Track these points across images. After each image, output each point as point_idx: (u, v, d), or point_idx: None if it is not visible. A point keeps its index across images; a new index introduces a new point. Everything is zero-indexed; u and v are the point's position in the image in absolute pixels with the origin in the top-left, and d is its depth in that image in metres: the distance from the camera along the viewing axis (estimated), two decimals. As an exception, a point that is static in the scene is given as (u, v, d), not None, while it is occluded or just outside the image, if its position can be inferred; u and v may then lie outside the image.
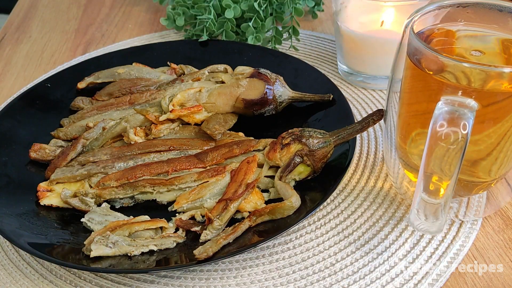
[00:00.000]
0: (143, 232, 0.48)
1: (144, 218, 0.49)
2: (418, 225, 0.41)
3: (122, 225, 0.47)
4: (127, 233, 0.47)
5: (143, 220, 0.48)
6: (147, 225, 0.48)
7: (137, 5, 0.99)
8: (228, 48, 0.73)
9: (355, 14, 0.65)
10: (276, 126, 0.61)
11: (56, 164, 0.56)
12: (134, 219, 0.49)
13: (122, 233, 0.47)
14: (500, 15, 0.44)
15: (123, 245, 0.45)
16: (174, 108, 0.60)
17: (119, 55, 0.73)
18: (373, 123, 0.51)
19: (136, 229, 0.48)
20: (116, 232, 0.47)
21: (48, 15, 0.97)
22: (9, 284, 0.46)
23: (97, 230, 0.47)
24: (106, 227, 0.47)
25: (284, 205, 0.47)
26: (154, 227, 0.48)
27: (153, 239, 0.47)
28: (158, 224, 0.48)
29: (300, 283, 0.45)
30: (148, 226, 0.48)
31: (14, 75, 0.78)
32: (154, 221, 0.48)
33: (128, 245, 0.46)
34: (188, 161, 0.54)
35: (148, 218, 0.49)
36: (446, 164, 0.38)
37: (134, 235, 0.48)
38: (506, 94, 0.40)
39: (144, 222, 0.48)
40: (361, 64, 0.68)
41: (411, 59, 0.43)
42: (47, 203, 0.51)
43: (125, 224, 0.47)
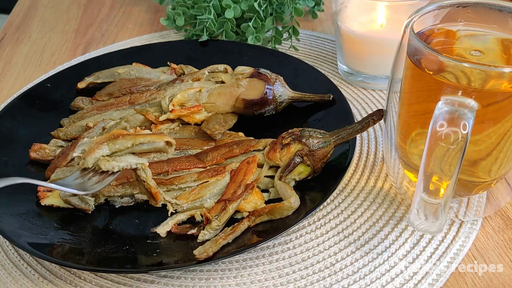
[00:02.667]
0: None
1: (149, 131, 0.46)
2: (418, 225, 0.41)
3: (125, 135, 0.44)
4: (130, 144, 0.44)
5: (147, 133, 0.46)
6: (152, 138, 0.45)
7: (137, 5, 0.99)
8: (228, 48, 0.73)
9: (355, 14, 0.65)
10: (276, 126, 0.61)
11: (56, 164, 0.56)
12: (139, 132, 0.46)
13: (124, 143, 0.44)
14: (500, 15, 0.44)
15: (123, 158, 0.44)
16: (174, 108, 0.60)
17: (119, 55, 0.73)
18: (373, 123, 0.51)
19: (141, 141, 0.44)
20: (118, 141, 0.44)
21: (48, 15, 0.97)
22: (9, 284, 0.46)
23: (99, 137, 0.44)
24: (109, 134, 0.44)
25: (283, 206, 0.47)
26: (160, 140, 0.45)
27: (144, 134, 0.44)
28: (163, 138, 0.45)
29: (300, 283, 0.45)
30: (153, 139, 0.45)
31: (14, 75, 0.78)
32: (159, 135, 0.46)
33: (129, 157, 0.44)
34: (188, 161, 0.54)
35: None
36: (446, 164, 0.38)
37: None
38: (506, 94, 0.40)
39: (149, 135, 0.45)
40: (361, 64, 0.68)
41: (411, 59, 0.43)
42: (47, 203, 0.51)
43: (129, 134, 0.45)
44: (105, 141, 0.43)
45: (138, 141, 0.44)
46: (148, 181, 0.46)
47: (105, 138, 0.44)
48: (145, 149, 0.45)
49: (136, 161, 0.44)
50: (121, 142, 0.44)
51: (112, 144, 0.44)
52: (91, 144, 0.44)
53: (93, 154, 0.43)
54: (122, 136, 0.44)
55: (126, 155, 0.44)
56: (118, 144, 0.44)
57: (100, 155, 0.43)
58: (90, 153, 0.43)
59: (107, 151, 0.43)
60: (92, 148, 0.43)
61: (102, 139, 0.44)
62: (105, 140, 0.44)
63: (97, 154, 0.43)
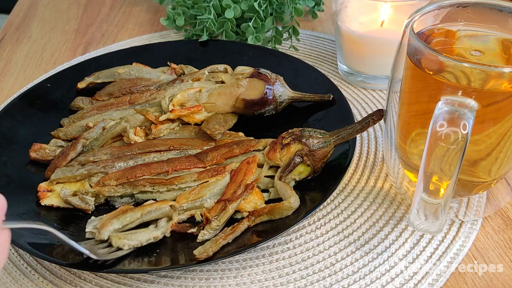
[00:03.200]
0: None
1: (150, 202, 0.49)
2: (418, 225, 0.41)
3: (133, 209, 0.47)
4: (139, 215, 0.47)
5: (153, 203, 0.49)
6: (158, 205, 0.48)
7: (137, 5, 0.99)
8: (228, 48, 0.73)
9: (355, 14, 0.65)
10: (276, 126, 0.61)
11: (56, 164, 0.56)
12: (143, 205, 0.49)
13: (134, 215, 0.47)
14: (500, 15, 0.44)
15: (139, 234, 0.46)
16: (174, 108, 0.60)
17: (119, 55, 0.73)
18: (373, 123, 0.51)
19: (148, 210, 0.47)
20: (128, 215, 0.47)
21: (48, 15, 0.97)
22: (9, 284, 0.46)
23: (110, 213, 0.47)
24: (118, 210, 0.47)
25: (282, 206, 0.47)
26: (166, 205, 0.48)
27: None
28: (168, 203, 0.48)
29: (300, 283, 0.45)
30: (159, 206, 0.48)
31: (14, 75, 0.78)
32: (163, 201, 0.49)
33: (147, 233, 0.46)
34: (188, 161, 0.54)
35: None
36: (446, 164, 0.38)
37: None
38: (506, 94, 0.40)
39: (155, 203, 0.49)
40: (361, 64, 0.68)
41: (411, 59, 0.43)
42: (48, 203, 0.51)
43: (135, 208, 0.48)
44: (115, 217, 0.46)
45: (146, 211, 0.47)
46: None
47: (114, 214, 0.47)
48: (153, 216, 0.48)
49: (147, 238, 0.46)
50: (131, 215, 0.47)
51: (123, 218, 0.46)
52: (102, 220, 0.46)
53: (107, 227, 0.45)
54: (130, 209, 0.47)
55: (137, 233, 0.46)
56: (128, 217, 0.46)
57: (113, 228, 0.46)
58: (103, 227, 0.45)
59: (118, 225, 0.46)
60: (105, 224, 0.46)
61: (112, 215, 0.47)
62: (115, 216, 0.46)
63: (110, 227, 0.45)
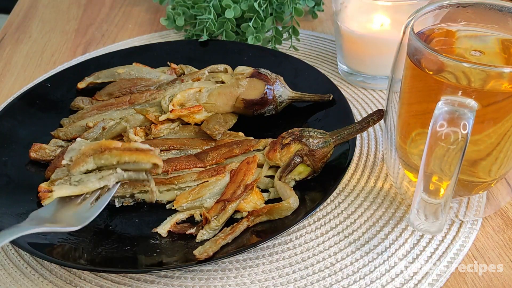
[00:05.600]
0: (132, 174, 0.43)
1: (139, 146, 0.43)
2: (418, 225, 0.41)
3: (113, 149, 0.42)
4: (115, 161, 0.42)
5: (136, 150, 0.43)
6: (139, 158, 0.42)
7: (137, 5, 0.99)
8: (228, 48, 0.73)
9: (355, 14, 0.65)
10: (276, 126, 0.61)
11: (56, 164, 0.56)
12: (128, 146, 0.43)
13: (109, 159, 0.42)
14: (500, 15, 0.44)
15: (90, 180, 0.42)
16: (174, 108, 0.60)
17: (119, 55, 0.73)
18: (373, 123, 0.51)
19: (126, 160, 0.42)
20: (103, 156, 0.42)
21: (48, 15, 0.97)
22: (9, 284, 0.46)
23: (88, 146, 0.43)
24: (98, 144, 0.43)
25: (282, 206, 0.47)
26: (147, 161, 0.43)
27: (124, 164, 0.42)
28: (151, 159, 0.43)
29: (300, 283, 0.45)
30: (140, 159, 0.42)
31: (14, 75, 0.78)
32: (147, 155, 0.42)
33: (98, 179, 0.42)
34: (188, 161, 0.54)
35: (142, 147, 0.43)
36: (446, 164, 0.38)
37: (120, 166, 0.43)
38: (506, 94, 0.40)
39: (136, 153, 0.43)
40: (361, 64, 0.68)
41: (411, 59, 0.43)
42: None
43: (117, 149, 0.42)
44: (92, 154, 0.42)
45: (124, 160, 0.42)
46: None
47: (92, 150, 0.42)
48: (131, 167, 0.43)
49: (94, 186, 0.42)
50: (107, 158, 0.42)
51: (98, 159, 0.42)
52: (78, 155, 0.42)
53: (78, 167, 0.42)
54: (109, 150, 0.42)
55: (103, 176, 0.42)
56: (104, 159, 0.42)
57: (85, 169, 0.42)
58: (76, 165, 0.42)
59: (92, 165, 0.42)
60: (78, 161, 0.42)
61: (89, 150, 0.42)
62: (93, 152, 0.42)
63: (82, 168, 0.42)
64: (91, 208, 0.42)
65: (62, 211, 0.43)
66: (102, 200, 0.43)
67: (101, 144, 0.42)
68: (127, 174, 0.43)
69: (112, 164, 0.42)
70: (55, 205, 0.43)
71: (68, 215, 0.42)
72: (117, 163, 0.42)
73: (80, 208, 0.42)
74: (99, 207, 0.42)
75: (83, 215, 0.41)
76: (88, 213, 0.42)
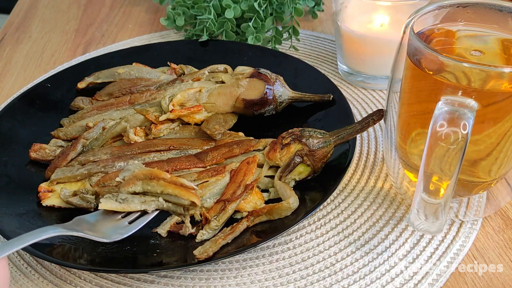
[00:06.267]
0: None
1: (184, 182, 0.46)
2: (418, 225, 0.41)
3: (161, 179, 0.46)
4: (159, 190, 0.45)
5: (181, 185, 0.46)
6: (181, 194, 0.45)
7: (137, 5, 0.99)
8: (228, 48, 0.73)
9: (355, 14, 0.65)
10: (276, 126, 0.61)
11: (56, 164, 0.56)
12: (175, 180, 0.46)
13: (155, 187, 0.45)
14: (500, 15, 0.44)
15: (134, 201, 0.45)
16: (174, 108, 0.60)
17: (119, 55, 0.73)
18: (373, 123, 0.51)
19: (169, 192, 0.45)
20: (151, 183, 0.45)
21: (48, 15, 0.97)
22: (9, 284, 0.46)
23: (141, 171, 0.46)
24: (150, 172, 0.46)
25: (281, 206, 0.47)
26: (187, 198, 0.45)
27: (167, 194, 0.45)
28: (191, 197, 0.45)
29: (300, 283, 0.45)
30: (182, 195, 0.45)
31: (14, 75, 0.78)
32: (188, 193, 0.45)
33: (141, 203, 0.45)
34: (188, 161, 0.54)
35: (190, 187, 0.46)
36: (446, 164, 0.38)
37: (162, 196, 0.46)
38: (506, 94, 0.40)
39: (179, 188, 0.45)
40: (361, 64, 0.68)
41: (411, 59, 0.43)
42: (49, 204, 0.51)
43: (165, 180, 0.46)
44: (142, 178, 0.46)
45: (167, 191, 0.46)
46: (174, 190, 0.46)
47: (143, 175, 0.46)
48: (172, 200, 0.46)
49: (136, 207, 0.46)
50: (153, 185, 0.46)
51: (146, 184, 0.46)
52: (131, 176, 0.46)
53: (127, 187, 0.45)
54: (157, 179, 0.46)
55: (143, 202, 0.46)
56: (150, 186, 0.46)
57: (132, 190, 0.46)
58: (126, 185, 0.46)
59: (140, 188, 0.46)
60: (129, 182, 0.46)
61: (141, 174, 0.46)
62: (143, 177, 0.46)
63: (130, 189, 0.46)
64: (127, 226, 0.45)
65: (103, 222, 0.46)
66: (138, 221, 0.46)
67: (152, 172, 0.46)
68: (166, 205, 0.46)
69: (157, 192, 0.46)
70: (99, 215, 0.47)
71: (106, 227, 0.46)
72: (161, 192, 0.46)
73: (118, 224, 0.46)
74: (134, 228, 0.45)
75: (119, 231, 0.45)
76: (123, 230, 0.45)
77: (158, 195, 0.46)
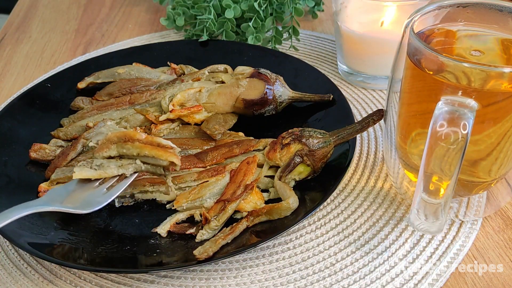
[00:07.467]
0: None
1: (161, 141, 0.44)
2: (418, 225, 0.41)
3: (136, 141, 0.44)
4: (135, 152, 0.44)
5: (158, 145, 0.44)
6: (158, 154, 0.44)
7: (137, 5, 0.99)
8: (228, 48, 0.73)
9: (355, 14, 0.65)
10: (276, 126, 0.61)
11: (56, 164, 0.56)
12: (151, 140, 0.44)
13: (130, 150, 0.44)
14: (500, 15, 0.44)
15: (110, 166, 0.43)
16: (174, 108, 0.60)
17: (119, 55, 0.73)
18: (373, 123, 0.51)
19: (146, 154, 0.44)
20: (126, 146, 0.44)
21: (48, 15, 0.97)
22: (9, 284, 0.46)
23: (114, 133, 0.44)
24: (123, 133, 0.44)
25: (281, 206, 0.47)
26: (165, 158, 0.44)
27: (145, 156, 0.43)
28: (169, 157, 0.44)
29: (300, 283, 0.45)
30: (159, 155, 0.44)
31: (14, 75, 0.78)
32: (166, 152, 0.43)
33: (118, 167, 0.43)
34: (188, 161, 0.54)
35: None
36: (446, 164, 0.38)
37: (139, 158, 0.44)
38: (506, 94, 0.40)
39: (156, 149, 0.44)
40: (361, 64, 0.68)
41: (411, 59, 0.43)
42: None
43: (140, 141, 0.44)
44: (116, 141, 0.44)
45: (144, 153, 0.43)
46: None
47: (117, 137, 0.44)
48: (150, 161, 0.44)
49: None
50: (128, 148, 0.43)
51: (120, 147, 0.44)
52: (104, 140, 0.44)
53: (102, 152, 0.43)
54: (132, 141, 0.43)
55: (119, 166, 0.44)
56: (126, 149, 0.44)
57: (107, 154, 0.43)
58: (100, 150, 0.43)
59: (115, 152, 0.44)
60: (103, 146, 0.43)
61: (114, 137, 0.44)
62: (117, 140, 0.44)
63: (105, 153, 0.43)
64: (105, 194, 0.43)
65: (78, 192, 0.44)
66: (117, 187, 0.44)
67: (126, 134, 0.44)
68: (145, 167, 0.44)
69: (133, 155, 0.43)
70: (74, 185, 0.44)
71: (82, 198, 0.43)
72: (137, 154, 0.43)
73: (95, 192, 0.43)
74: (112, 194, 0.43)
75: (96, 199, 0.42)
76: (101, 198, 0.43)
77: (135, 157, 0.44)
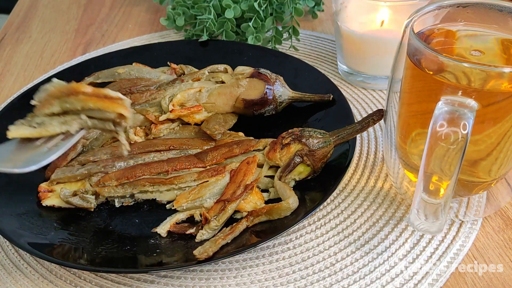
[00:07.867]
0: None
1: (108, 93, 0.40)
2: (418, 225, 0.41)
3: (80, 93, 0.39)
4: (79, 106, 0.40)
5: (104, 97, 0.40)
6: (104, 106, 0.40)
7: (137, 5, 0.99)
8: (228, 48, 0.73)
9: (355, 14, 0.65)
10: (276, 126, 0.61)
11: (56, 164, 0.56)
12: (97, 91, 0.40)
13: (73, 103, 0.39)
14: (500, 15, 0.44)
15: (52, 123, 0.39)
16: (174, 108, 0.60)
17: (119, 55, 0.73)
18: (373, 123, 0.51)
19: (91, 106, 0.39)
20: (68, 100, 0.39)
21: (48, 15, 0.97)
22: (9, 284, 0.46)
23: (58, 87, 0.40)
24: (68, 86, 0.40)
25: (281, 206, 0.47)
26: (112, 110, 0.40)
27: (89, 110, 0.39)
28: (117, 108, 0.40)
29: (300, 283, 0.45)
30: (105, 107, 0.40)
31: (14, 75, 0.78)
32: (114, 104, 0.39)
33: (60, 124, 0.40)
34: (188, 161, 0.54)
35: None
36: (446, 164, 0.38)
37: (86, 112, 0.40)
38: (506, 94, 0.40)
39: (102, 100, 0.39)
40: (361, 64, 0.68)
41: (411, 59, 0.43)
42: (49, 204, 0.51)
43: (85, 94, 0.40)
44: (59, 96, 0.40)
45: (88, 106, 0.39)
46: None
47: (60, 92, 0.40)
48: (96, 115, 0.40)
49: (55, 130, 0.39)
50: (71, 102, 0.39)
51: (63, 102, 0.40)
52: (45, 96, 0.40)
53: (43, 109, 0.39)
54: (76, 94, 0.39)
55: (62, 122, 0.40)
56: (68, 103, 0.39)
57: (50, 111, 0.40)
58: (41, 106, 0.40)
59: (58, 108, 0.40)
60: (45, 103, 0.40)
61: (57, 91, 0.40)
62: (60, 95, 0.40)
63: (46, 110, 0.40)
64: (47, 152, 0.39)
65: (18, 152, 0.40)
66: (59, 146, 0.40)
67: (69, 87, 0.40)
68: (91, 122, 0.40)
69: (77, 109, 0.39)
70: (14, 145, 0.40)
71: (20, 157, 0.39)
72: (81, 108, 0.39)
73: (36, 151, 0.39)
74: (54, 152, 0.39)
75: (35, 158, 0.38)
76: (41, 157, 0.38)
77: (79, 112, 0.40)
